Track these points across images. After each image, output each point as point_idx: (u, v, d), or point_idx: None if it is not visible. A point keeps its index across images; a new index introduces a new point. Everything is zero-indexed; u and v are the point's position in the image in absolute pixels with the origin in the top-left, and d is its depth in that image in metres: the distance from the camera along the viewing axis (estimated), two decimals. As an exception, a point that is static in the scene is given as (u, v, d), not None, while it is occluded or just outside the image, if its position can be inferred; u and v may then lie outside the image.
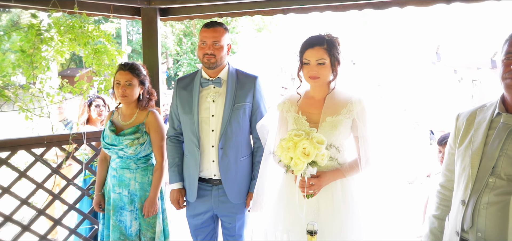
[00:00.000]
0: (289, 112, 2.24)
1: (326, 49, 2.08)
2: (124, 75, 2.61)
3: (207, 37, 2.38)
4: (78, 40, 3.08)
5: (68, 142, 3.08)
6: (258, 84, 2.53)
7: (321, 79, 2.10)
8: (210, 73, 2.48)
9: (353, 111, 2.10)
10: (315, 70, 2.08)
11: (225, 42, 2.43)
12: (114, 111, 2.79)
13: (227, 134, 2.43)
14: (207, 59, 2.38)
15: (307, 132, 1.97)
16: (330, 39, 2.13)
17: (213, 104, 2.45)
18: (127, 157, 2.64)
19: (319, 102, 2.18)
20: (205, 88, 2.48)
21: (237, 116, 2.45)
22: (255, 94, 2.50)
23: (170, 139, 2.61)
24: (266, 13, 3.45)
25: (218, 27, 2.41)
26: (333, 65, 2.11)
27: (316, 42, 2.10)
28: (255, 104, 2.51)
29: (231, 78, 2.48)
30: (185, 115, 2.50)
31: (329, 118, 2.10)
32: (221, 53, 2.40)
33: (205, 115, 2.45)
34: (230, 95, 2.44)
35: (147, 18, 3.41)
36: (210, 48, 2.37)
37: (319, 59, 2.07)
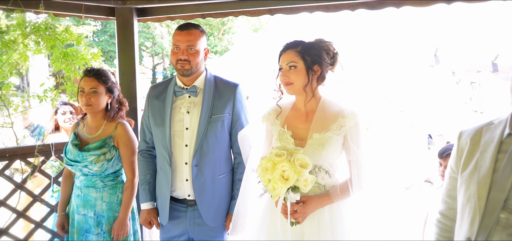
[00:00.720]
0: (274, 125, 1.99)
1: (299, 51, 1.84)
2: (89, 82, 2.34)
3: (180, 41, 2.11)
4: (45, 43, 2.80)
5: (34, 154, 2.81)
6: (239, 93, 2.27)
7: (295, 86, 1.85)
8: (185, 81, 2.22)
9: (344, 127, 1.84)
10: (287, 75, 1.85)
11: (201, 46, 2.16)
12: (80, 123, 2.51)
13: (202, 149, 2.16)
14: (181, 65, 2.12)
15: (290, 151, 1.72)
16: (312, 42, 1.88)
17: (188, 116, 2.19)
18: (92, 174, 2.37)
19: (307, 115, 1.93)
20: (179, 98, 2.22)
21: (215, 129, 2.19)
22: (235, 104, 2.24)
23: (141, 153, 2.35)
24: (251, 13, 3.19)
25: (193, 30, 2.14)
26: (309, 69, 1.84)
27: (289, 46, 1.88)
28: (235, 115, 2.25)
29: (208, 87, 2.22)
30: (157, 127, 2.24)
31: (316, 136, 1.84)
32: (197, 59, 2.14)
33: (178, 128, 2.19)
34: (207, 105, 2.17)
35: (122, 19, 3.14)
36: (184, 54, 2.11)
37: (289, 62, 1.84)
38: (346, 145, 1.88)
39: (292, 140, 1.89)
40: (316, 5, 2.92)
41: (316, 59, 1.85)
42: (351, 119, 1.84)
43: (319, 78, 1.88)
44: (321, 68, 1.87)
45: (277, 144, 1.92)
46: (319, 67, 1.86)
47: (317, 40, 1.91)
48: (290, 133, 1.92)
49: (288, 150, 1.75)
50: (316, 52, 1.85)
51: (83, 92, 2.34)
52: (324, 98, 1.92)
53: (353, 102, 1.96)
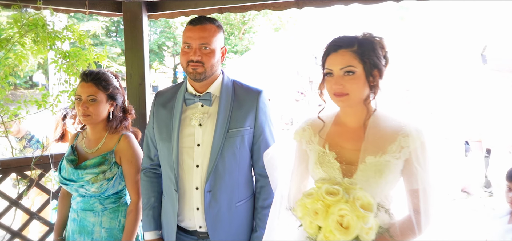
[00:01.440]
0: (310, 144, 1.57)
1: (357, 52, 1.40)
2: (87, 88, 1.98)
3: (192, 38, 1.71)
4: (43, 42, 2.49)
5: (30, 167, 2.50)
6: (262, 101, 1.85)
7: (351, 97, 1.42)
8: (198, 87, 1.82)
9: (406, 149, 1.40)
10: (341, 83, 1.40)
11: (217, 44, 1.76)
12: (79, 134, 2.16)
13: (217, 171, 1.76)
14: (193, 68, 1.72)
15: (346, 186, 1.29)
16: (367, 39, 1.44)
17: (200, 130, 1.78)
18: (90, 196, 2.01)
19: (356, 132, 1.49)
20: (190, 107, 1.82)
21: (233, 146, 1.78)
22: (258, 115, 1.82)
23: (145, 172, 1.97)
24: (276, 6, 2.76)
25: (207, 25, 1.73)
26: (369, 76, 1.41)
27: (342, 44, 1.42)
28: (258, 128, 1.83)
29: (225, 94, 1.82)
30: (162, 142, 1.85)
31: (371, 159, 1.41)
32: (212, 60, 1.74)
33: (188, 145, 1.79)
34: (223, 117, 1.77)
35: (130, 14, 2.79)
36: (196, 53, 1.71)
37: (345, 66, 1.39)
38: (406, 170, 1.43)
39: (337, 164, 1.46)
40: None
41: (376, 62, 1.41)
42: (416, 138, 1.40)
43: (376, 86, 1.44)
44: (379, 74, 1.43)
45: (318, 171, 1.49)
46: (378, 72, 1.43)
47: (367, 35, 1.46)
48: (334, 155, 1.48)
49: (343, 185, 1.32)
50: (375, 52, 1.42)
51: (80, 101, 1.98)
52: (377, 111, 1.47)
53: (414, 116, 1.50)
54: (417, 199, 1.39)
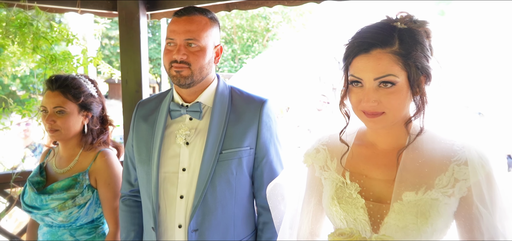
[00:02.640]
0: (325, 171, 1.17)
1: (399, 53, 0.97)
2: (53, 97, 1.65)
3: (176, 32, 1.36)
4: (25, 42, 2.21)
5: (10, 185, 2.21)
6: (267, 114, 1.46)
7: (388, 117, 1.00)
8: (185, 95, 1.47)
9: (463, 183, 0.97)
10: (374, 98, 0.98)
11: (209, 41, 1.40)
12: (50, 151, 1.84)
13: (206, 204, 1.37)
14: (176, 70, 1.37)
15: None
16: (409, 29, 0.99)
17: (186, 150, 1.42)
18: (58, 226, 1.67)
19: (388, 156, 1.08)
20: (176, 121, 1.47)
21: (227, 171, 1.39)
22: (261, 131, 1.44)
23: (124, 200, 1.61)
24: (290, 1, 2.36)
25: (196, 16, 1.38)
26: (415, 85, 0.98)
27: (375, 41, 0.98)
28: (261, 149, 1.45)
29: (219, 104, 1.45)
30: (141, 165, 1.49)
31: (410, 196, 0.99)
32: (201, 61, 1.38)
33: (171, 169, 1.42)
34: (216, 133, 1.40)
35: (125, 13, 2.47)
36: (180, 51, 1.36)
37: (382, 76, 0.97)
38: (463, 214, 1.00)
39: (361, 201, 1.05)
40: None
41: (424, 64, 0.99)
42: (478, 168, 0.97)
43: (422, 96, 1.01)
44: (426, 78, 1.01)
45: (334, 209, 1.08)
46: (425, 77, 1.00)
47: (406, 20, 1.02)
48: (357, 187, 1.07)
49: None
50: (422, 48, 0.99)
51: (45, 113, 1.66)
52: (417, 128, 1.04)
53: (473, 135, 1.05)
54: None
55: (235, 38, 24.59)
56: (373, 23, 1.03)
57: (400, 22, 1.01)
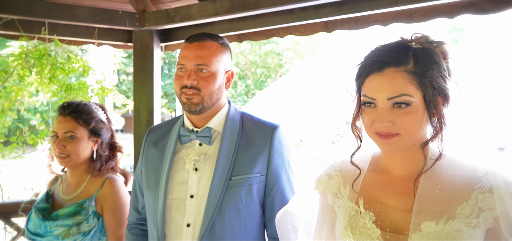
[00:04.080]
0: (338, 198, 1.10)
1: (414, 73, 0.93)
2: (64, 123, 1.66)
3: (187, 57, 1.35)
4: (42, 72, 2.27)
5: (18, 214, 2.20)
6: (279, 140, 1.42)
7: (403, 139, 0.94)
8: (196, 121, 1.44)
9: (489, 213, 0.90)
10: (388, 120, 0.93)
11: (220, 66, 1.38)
12: (58, 178, 1.83)
13: (214, 232, 1.31)
14: (187, 97, 1.35)
15: None
16: (424, 49, 0.96)
17: (195, 176, 1.37)
18: (62, 254, 1.63)
19: (405, 183, 1.01)
20: (186, 146, 1.43)
21: (236, 198, 1.33)
22: (272, 157, 1.39)
23: (130, 228, 1.55)
24: (302, 31, 2.37)
25: (207, 41, 1.37)
26: (432, 106, 0.94)
27: (389, 59, 0.95)
28: (272, 176, 1.39)
29: (230, 130, 1.41)
30: (149, 191, 1.44)
31: (431, 227, 0.91)
32: (211, 86, 1.36)
33: (179, 196, 1.36)
34: (225, 159, 1.36)
35: (140, 44, 2.54)
36: (191, 77, 1.33)
37: (396, 95, 0.92)
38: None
39: (377, 232, 0.97)
40: (395, 10, 2.00)
41: (441, 85, 0.94)
42: (505, 196, 0.90)
43: (440, 118, 0.96)
44: (444, 100, 0.96)
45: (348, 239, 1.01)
46: (442, 98, 0.96)
47: (422, 40, 0.99)
48: (372, 217, 1.00)
49: None
50: (439, 68, 0.95)
51: (56, 138, 1.66)
52: (436, 152, 0.97)
53: (497, 161, 0.98)
54: None
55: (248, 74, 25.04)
56: (387, 43, 1.01)
57: (415, 42, 0.98)
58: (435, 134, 0.95)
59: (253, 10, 2.10)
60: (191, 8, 2.28)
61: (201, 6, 2.24)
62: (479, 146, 1.01)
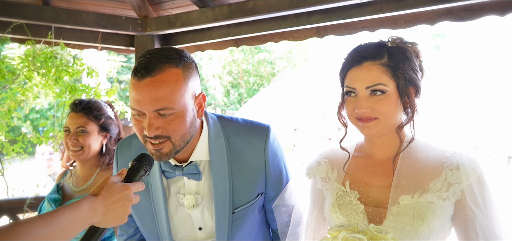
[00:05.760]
0: (326, 182, 1.24)
1: (388, 65, 1.08)
2: (76, 118, 1.77)
3: (142, 102, 1.05)
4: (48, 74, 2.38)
5: (23, 210, 2.29)
6: (271, 148, 1.28)
7: (381, 122, 1.09)
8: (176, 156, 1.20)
9: (456, 186, 1.04)
10: (367, 105, 1.08)
11: (187, 98, 1.10)
12: (67, 173, 1.93)
13: None
14: (154, 148, 1.10)
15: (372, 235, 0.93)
16: (398, 46, 1.12)
17: (196, 211, 1.26)
18: None
19: (385, 165, 1.15)
20: (173, 181, 1.27)
21: (243, 225, 1.30)
22: (269, 172, 1.29)
23: None
24: (295, 36, 2.53)
25: (162, 74, 1.05)
26: (404, 95, 1.08)
27: (367, 54, 1.10)
28: (273, 189, 1.33)
29: (217, 155, 1.23)
30: (149, 231, 1.33)
31: (406, 200, 1.06)
32: (183, 128, 1.10)
33: (187, 232, 1.31)
34: (222, 193, 1.23)
35: (142, 49, 2.67)
36: (152, 127, 1.06)
37: (373, 85, 1.07)
38: (459, 216, 1.05)
39: (361, 207, 1.11)
40: (381, 17, 2.17)
41: (412, 77, 1.09)
42: (469, 172, 1.04)
43: (412, 107, 1.11)
44: (415, 91, 1.11)
45: (335, 216, 1.14)
46: (414, 89, 1.11)
47: (397, 41, 1.15)
48: (357, 195, 1.14)
49: (366, 232, 0.96)
50: (410, 63, 1.10)
51: (68, 133, 1.77)
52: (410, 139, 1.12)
53: (462, 144, 1.13)
54: None
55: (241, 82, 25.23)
56: (366, 42, 1.16)
57: (390, 42, 1.14)
58: (408, 120, 1.10)
59: (250, 16, 2.25)
60: (191, 14, 2.43)
61: (201, 13, 2.39)
62: (447, 132, 1.16)
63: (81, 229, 0.91)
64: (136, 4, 2.53)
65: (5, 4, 2.21)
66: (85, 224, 0.92)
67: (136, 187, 1.03)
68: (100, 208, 0.94)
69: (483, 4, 1.95)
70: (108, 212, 0.95)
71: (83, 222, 0.91)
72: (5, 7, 2.21)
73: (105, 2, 2.59)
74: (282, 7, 2.14)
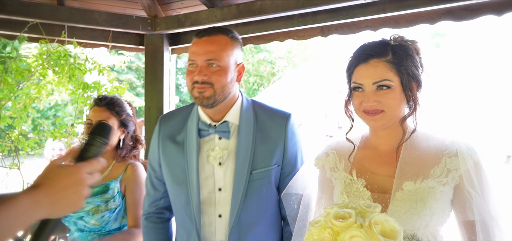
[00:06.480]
0: (335, 171, 1.32)
1: (392, 62, 1.17)
2: (99, 112, 1.87)
3: (197, 53, 1.37)
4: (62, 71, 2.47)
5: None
6: (292, 129, 1.50)
7: (387, 115, 1.18)
8: (211, 114, 1.47)
9: (455, 172, 1.13)
10: (373, 99, 1.17)
11: (231, 60, 1.40)
12: None
13: (241, 223, 1.44)
14: (198, 91, 1.37)
15: (360, 210, 1.02)
16: (400, 45, 1.21)
17: (220, 170, 1.45)
18: (89, 230, 1.82)
19: (390, 156, 1.24)
20: (206, 140, 1.48)
21: (258, 191, 1.45)
22: (287, 147, 1.49)
23: (148, 217, 1.61)
24: (300, 35, 2.62)
25: (217, 36, 1.39)
26: (407, 89, 1.18)
27: (373, 52, 1.19)
28: (288, 165, 1.50)
29: (246, 123, 1.48)
30: (177, 187, 1.50)
31: (409, 186, 1.15)
32: (223, 80, 1.38)
33: (209, 189, 1.46)
34: (245, 154, 1.43)
35: (151, 47, 2.76)
36: (202, 72, 1.35)
37: (379, 80, 1.16)
38: (458, 199, 1.15)
39: (367, 193, 1.21)
40: (384, 17, 2.26)
41: (414, 72, 1.19)
42: (466, 158, 1.13)
43: (415, 100, 1.20)
44: (417, 85, 1.21)
45: (342, 198, 1.23)
46: (416, 83, 1.20)
47: (398, 39, 1.25)
48: (363, 182, 1.23)
49: (357, 208, 1.04)
50: (413, 60, 1.20)
51: (90, 125, 1.87)
52: (415, 131, 1.22)
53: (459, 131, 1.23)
54: (473, 235, 1.09)
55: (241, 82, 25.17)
56: (371, 41, 1.26)
57: (393, 41, 1.23)
58: (411, 112, 1.20)
59: (258, 16, 2.34)
60: (200, 14, 2.51)
61: (210, 12, 2.48)
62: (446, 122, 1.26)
63: (22, 227, 0.77)
64: (147, 4, 2.62)
65: (21, 4, 2.29)
66: (27, 221, 0.77)
67: (90, 166, 0.89)
68: (44, 200, 0.79)
69: (481, 4, 2.04)
70: (57, 202, 0.81)
71: (23, 219, 0.76)
72: (22, 7, 2.29)
73: (116, 2, 2.68)
74: (289, 7, 2.23)
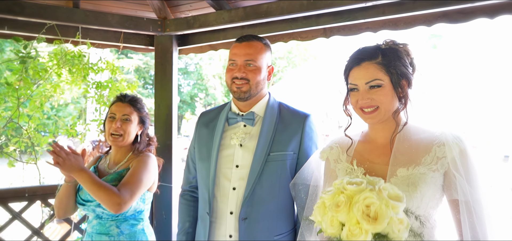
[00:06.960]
0: (338, 163, 1.47)
1: (382, 63, 1.33)
2: (123, 107, 2.01)
3: (237, 54, 1.69)
4: (78, 72, 2.59)
5: (54, 195, 2.48)
6: (309, 126, 1.73)
7: (381, 111, 1.33)
8: (241, 106, 1.77)
9: (443, 159, 1.26)
10: (367, 97, 1.32)
11: (264, 62, 1.72)
12: (102, 157, 2.15)
13: (254, 196, 1.62)
14: (237, 86, 1.68)
15: (369, 180, 1.16)
16: (390, 48, 1.36)
17: (240, 150, 1.69)
18: (107, 217, 1.94)
19: (386, 148, 1.39)
20: (232, 127, 1.76)
21: (273, 171, 1.65)
22: (304, 139, 1.71)
23: (183, 194, 1.89)
24: (303, 37, 2.75)
25: (254, 42, 1.72)
26: (397, 87, 1.32)
27: (364, 56, 1.36)
28: (303, 154, 1.70)
29: (269, 115, 1.74)
30: (201, 162, 1.77)
31: (403, 172, 1.28)
32: (257, 78, 1.69)
33: (226, 165, 1.69)
34: (266, 138, 1.68)
35: (161, 47, 2.88)
36: (241, 70, 1.67)
37: (370, 80, 1.32)
38: (447, 183, 1.28)
39: None
40: (383, 19, 2.39)
41: (403, 71, 1.33)
42: (453, 146, 1.26)
43: (406, 96, 1.34)
44: (408, 83, 1.34)
45: None
46: (406, 81, 1.34)
47: (390, 43, 1.40)
48: (362, 170, 1.37)
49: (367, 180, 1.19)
50: (401, 61, 1.34)
51: (113, 119, 1.99)
52: (406, 123, 1.36)
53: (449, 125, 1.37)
54: (458, 213, 1.22)
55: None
56: (364, 46, 1.40)
57: (384, 45, 1.38)
58: (402, 107, 1.33)
59: (264, 18, 2.46)
60: (209, 16, 2.64)
61: (218, 14, 2.60)
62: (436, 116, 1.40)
63: None
64: (157, 6, 2.74)
65: (39, 7, 2.41)
66: None
67: None
68: None
69: (475, 8, 2.17)
70: None
71: None
72: (40, 10, 2.41)
73: (127, 4, 2.80)
74: (294, 9, 2.35)
